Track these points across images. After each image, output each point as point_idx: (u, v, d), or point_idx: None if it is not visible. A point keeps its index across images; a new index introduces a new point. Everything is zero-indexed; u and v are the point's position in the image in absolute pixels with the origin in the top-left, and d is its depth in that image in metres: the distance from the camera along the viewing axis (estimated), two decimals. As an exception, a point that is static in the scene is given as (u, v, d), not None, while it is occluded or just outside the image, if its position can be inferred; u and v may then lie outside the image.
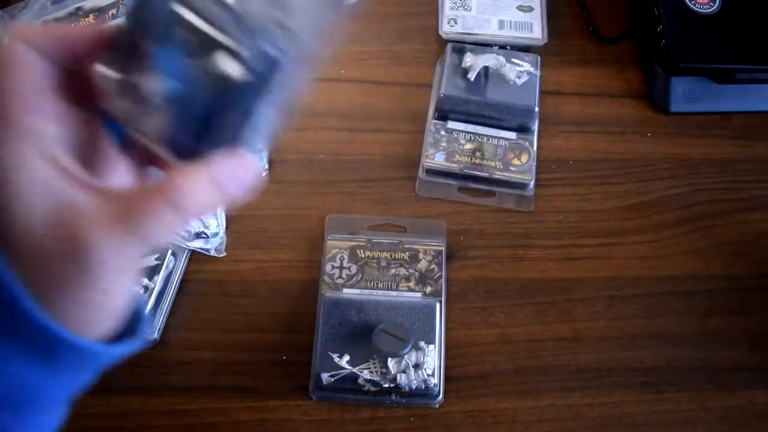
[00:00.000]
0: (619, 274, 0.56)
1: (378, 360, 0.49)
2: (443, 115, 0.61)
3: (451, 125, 0.61)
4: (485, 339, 0.53)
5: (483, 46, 0.64)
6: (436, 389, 0.49)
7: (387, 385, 0.49)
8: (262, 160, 0.58)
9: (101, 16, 0.59)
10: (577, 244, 0.57)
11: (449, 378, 0.51)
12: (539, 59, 0.64)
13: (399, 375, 0.48)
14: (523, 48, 0.65)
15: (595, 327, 0.53)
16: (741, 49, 0.62)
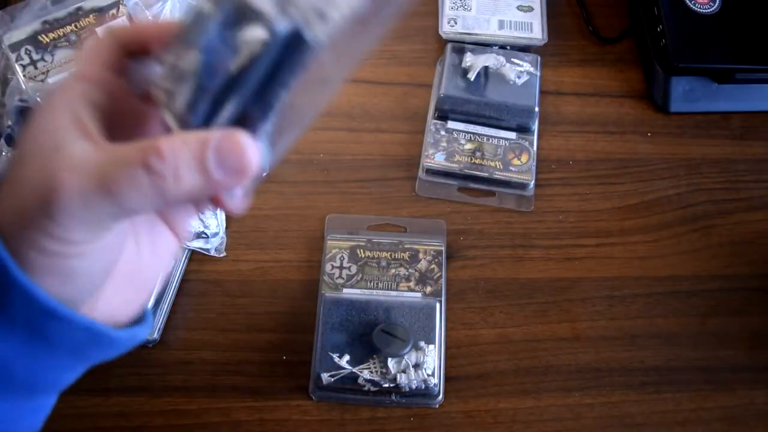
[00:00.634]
0: (619, 274, 0.56)
1: (378, 360, 0.49)
2: (443, 115, 0.61)
3: (451, 125, 0.61)
4: (485, 339, 0.53)
5: (483, 46, 0.64)
6: (436, 389, 0.49)
7: (387, 385, 0.49)
8: (265, 157, 0.58)
9: (101, 16, 0.59)
10: (577, 244, 0.57)
11: (449, 378, 0.51)
12: (539, 59, 0.64)
13: (399, 375, 0.48)
14: (523, 48, 0.65)
15: (595, 327, 0.53)
16: (741, 49, 0.62)
